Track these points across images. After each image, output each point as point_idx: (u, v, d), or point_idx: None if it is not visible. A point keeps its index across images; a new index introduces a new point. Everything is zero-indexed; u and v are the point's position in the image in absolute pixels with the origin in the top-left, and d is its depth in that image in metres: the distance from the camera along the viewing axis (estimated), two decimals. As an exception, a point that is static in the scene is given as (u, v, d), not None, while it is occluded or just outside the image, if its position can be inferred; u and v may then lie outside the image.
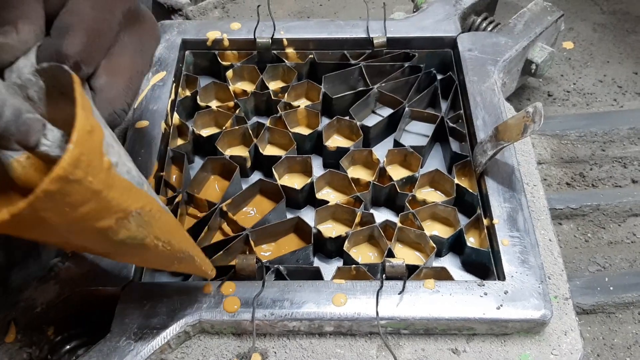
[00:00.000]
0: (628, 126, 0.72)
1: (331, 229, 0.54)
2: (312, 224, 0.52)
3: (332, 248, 0.52)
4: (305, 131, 0.60)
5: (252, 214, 0.56)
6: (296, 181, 0.57)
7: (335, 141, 0.61)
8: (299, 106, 0.61)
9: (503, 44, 0.64)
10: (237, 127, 0.59)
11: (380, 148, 0.60)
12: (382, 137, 0.61)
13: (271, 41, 0.64)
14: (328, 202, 0.53)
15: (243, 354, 0.45)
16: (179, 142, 0.59)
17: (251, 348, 0.45)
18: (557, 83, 0.81)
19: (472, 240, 0.52)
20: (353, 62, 0.64)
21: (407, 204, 0.53)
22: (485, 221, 0.51)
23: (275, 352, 0.45)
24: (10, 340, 0.44)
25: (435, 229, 0.54)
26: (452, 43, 0.65)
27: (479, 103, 0.58)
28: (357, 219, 0.52)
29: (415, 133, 0.61)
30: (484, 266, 0.50)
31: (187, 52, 0.66)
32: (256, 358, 0.44)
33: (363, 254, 0.52)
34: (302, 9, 0.95)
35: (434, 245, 0.50)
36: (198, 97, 0.62)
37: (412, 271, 0.48)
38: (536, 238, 0.49)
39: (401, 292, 0.45)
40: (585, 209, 0.66)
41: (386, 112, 0.62)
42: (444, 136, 0.59)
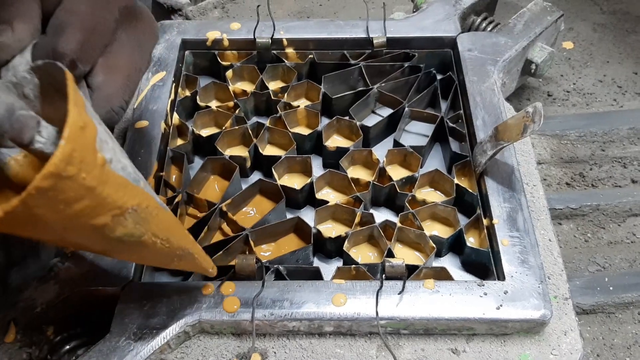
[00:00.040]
0: (628, 126, 0.72)
1: (331, 229, 0.54)
2: (312, 224, 0.52)
3: (332, 248, 0.52)
4: (305, 131, 0.60)
5: (252, 214, 0.56)
6: (296, 181, 0.57)
7: (335, 141, 0.61)
8: (299, 106, 0.61)
9: (503, 44, 0.64)
10: (237, 127, 0.59)
11: (380, 148, 0.60)
12: (382, 137, 0.61)
13: (271, 41, 0.64)
14: (328, 202, 0.53)
15: (243, 354, 0.45)
16: (179, 142, 0.59)
17: (251, 348, 0.45)
18: (557, 83, 0.81)
19: (472, 240, 0.52)
20: (353, 62, 0.64)
21: (407, 204, 0.53)
22: (485, 221, 0.51)
23: (275, 352, 0.45)
24: (10, 340, 0.44)
25: (435, 229, 0.54)
26: (452, 43, 0.65)
27: (479, 103, 0.58)
28: (357, 219, 0.52)
29: (415, 133, 0.61)
30: (484, 266, 0.50)
31: (187, 52, 0.66)
32: (256, 358, 0.44)
33: (363, 254, 0.52)
34: (302, 9, 0.94)
35: (434, 245, 0.50)
36: (198, 97, 0.62)
37: (412, 271, 0.48)
38: (536, 238, 0.49)
39: (401, 292, 0.45)
40: (585, 209, 0.66)
41: (386, 112, 0.62)
42: (444, 136, 0.59)
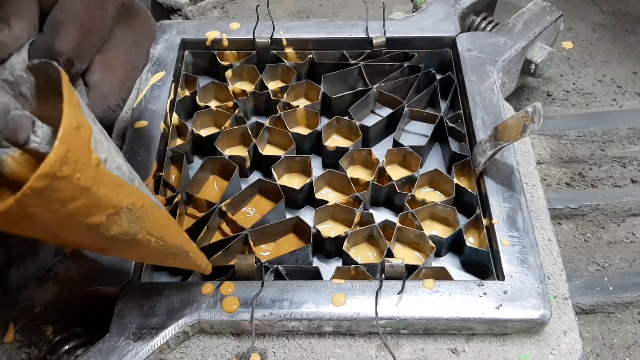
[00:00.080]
0: (627, 126, 0.72)
1: (330, 229, 0.54)
2: (312, 224, 0.52)
3: (332, 248, 0.52)
4: (304, 131, 0.60)
5: (252, 214, 0.56)
6: (295, 181, 0.57)
7: (334, 141, 0.61)
8: (298, 106, 0.61)
9: (502, 44, 0.64)
10: (237, 127, 0.59)
11: (379, 148, 0.60)
12: (382, 137, 0.61)
13: (270, 41, 0.64)
14: (327, 202, 0.53)
15: (242, 354, 0.45)
16: (178, 142, 0.59)
17: (250, 348, 0.45)
18: (557, 83, 0.81)
19: (472, 240, 0.52)
20: (352, 62, 0.64)
21: (407, 204, 0.53)
22: (484, 221, 0.51)
23: (274, 352, 0.45)
24: (9, 340, 0.44)
25: (434, 229, 0.54)
26: (452, 43, 0.65)
27: (478, 103, 0.58)
28: (357, 219, 0.52)
29: (414, 133, 0.61)
30: (483, 266, 0.50)
31: (186, 52, 0.66)
32: (255, 358, 0.44)
33: (362, 254, 0.52)
34: (301, 9, 0.94)
35: (433, 245, 0.50)
36: (197, 97, 0.62)
37: (412, 271, 0.48)
38: (535, 238, 0.49)
39: (400, 292, 0.45)
40: (584, 209, 0.66)
41: (385, 112, 0.62)
42: (443, 136, 0.59)
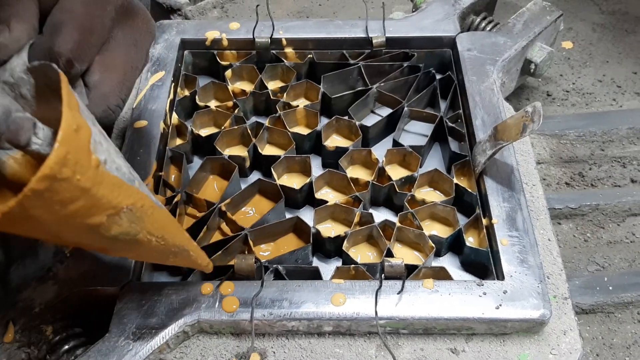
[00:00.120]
0: (627, 126, 0.72)
1: (330, 229, 0.54)
2: (311, 224, 0.52)
3: (331, 248, 0.52)
4: (304, 131, 0.60)
5: (251, 214, 0.56)
6: (295, 181, 0.57)
7: (334, 141, 0.61)
8: (298, 106, 0.61)
9: (502, 44, 0.64)
10: (236, 127, 0.59)
11: (379, 148, 0.60)
12: (381, 137, 0.61)
13: (270, 41, 0.64)
14: (327, 202, 0.53)
15: (242, 354, 0.45)
16: (178, 142, 0.59)
17: (250, 348, 0.45)
18: (556, 83, 0.81)
19: (471, 240, 0.52)
20: (352, 62, 0.64)
21: (406, 204, 0.53)
22: (484, 221, 0.51)
23: (274, 352, 0.45)
24: (8, 340, 0.44)
25: (434, 229, 0.53)
26: (451, 43, 0.65)
27: (478, 103, 0.58)
28: (356, 219, 0.52)
29: (414, 133, 0.61)
30: (483, 266, 0.50)
31: (186, 52, 0.66)
32: (255, 358, 0.44)
33: (362, 254, 0.52)
34: (301, 9, 0.94)
35: (433, 245, 0.50)
36: (197, 97, 0.62)
37: (411, 271, 0.48)
38: (535, 238, 0.48)
39: (400, 292, 0.45)
40: (584, 209, 0.66)
41: (385, 112, 0.62)
42: (443, 136, 0.59)
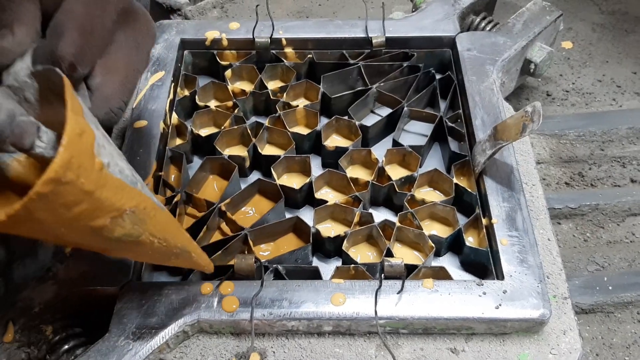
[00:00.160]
0: (627, 126, 0.72)
1: (330, 229, 0.54)
2: (311, 224, 0.52)
3: (331, 248, 0.52)
4: (304, 131, 0.60)
5: (251, 214, 0.56)
6: (295, 181, 0.57)
7: (334, 141, 0.61)
8: (298, 106, 0.61)
9: (502, 44, 0.64)
10: (236, 127, 0.59)
11: (379, 148, 0.60)
12: (381, 137, 0.61)
13: (270, 41, 0.64)
14: (327, 202, 0.53)
15: (242, 354, 0.45)
16: (178, 142, 0.59)
17: (250, 348, 0.45)
18: (556, 83, 0.81)
19: (471, 239, 0.52)
20: (352, 62, 0.64)
21: (406, 204, 0.53)
22: (484, 221, 0.51)
23: (274, 352, 0.45)
24: (8, 340, 0.44)
25: (434, 229, 0.54)
26: (451, 43, 0.65)
27: (478, 103, 0.58)
28: (356, 219, 0.52)
29: (414, 133, 0.61)
30: (483, 266, 0.50)
31: (186, 52, 0.66)
32: (255, 358, 0.44)
33: (362, 254, 0.52)
34: (301, 9, 0.94)
35: (433, 244, 0.50)
36: (197, 97, 0.62)
37: (411, 271, 0.48)
38: (535, 237, 0.48)
39: (400, 292, 0.45)
40: (584, 209, 0.66)
41: (385, 112, 0.62)
42: (443, 136, 0.59)
